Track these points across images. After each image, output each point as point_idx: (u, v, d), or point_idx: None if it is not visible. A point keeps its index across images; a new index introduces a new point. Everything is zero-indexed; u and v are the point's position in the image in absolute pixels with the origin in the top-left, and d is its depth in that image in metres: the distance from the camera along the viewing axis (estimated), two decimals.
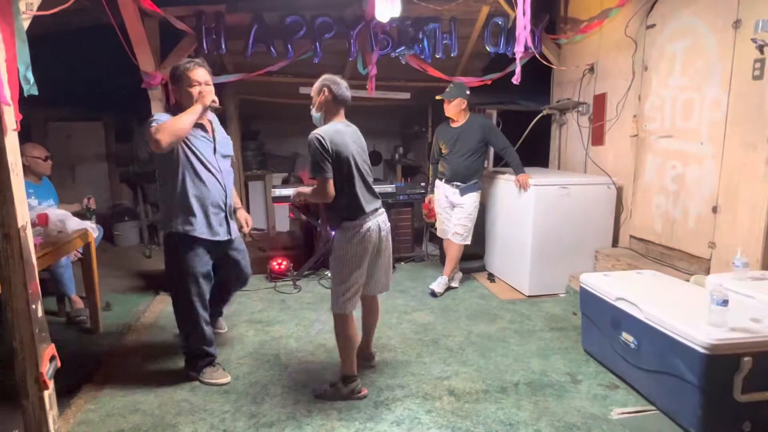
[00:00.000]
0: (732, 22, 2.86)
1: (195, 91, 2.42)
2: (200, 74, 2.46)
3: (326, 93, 2.38)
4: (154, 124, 2.28)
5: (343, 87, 2.40)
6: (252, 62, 4.12)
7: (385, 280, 2.56)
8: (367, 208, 2.35)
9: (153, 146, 2.27)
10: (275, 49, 3.99)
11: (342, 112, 2.45)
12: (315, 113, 2.44)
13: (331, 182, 2.27)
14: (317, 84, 2.41)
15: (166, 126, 2.26)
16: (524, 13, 2.84)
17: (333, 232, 2.48)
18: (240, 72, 4.35)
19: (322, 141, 2.24)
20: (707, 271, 3.06)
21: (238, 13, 3.94)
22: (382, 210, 2.49)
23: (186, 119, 2.33)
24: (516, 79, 3.19)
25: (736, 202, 2.89)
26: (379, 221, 2.41)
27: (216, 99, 2.50)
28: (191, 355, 2.63)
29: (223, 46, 3.90)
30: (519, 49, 3.11)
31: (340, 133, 2.32)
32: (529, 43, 3.18)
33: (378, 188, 4.52)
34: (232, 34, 3.93)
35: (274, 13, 3.96)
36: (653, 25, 3.53)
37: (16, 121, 1.73)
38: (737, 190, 2.88)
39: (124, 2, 3.38)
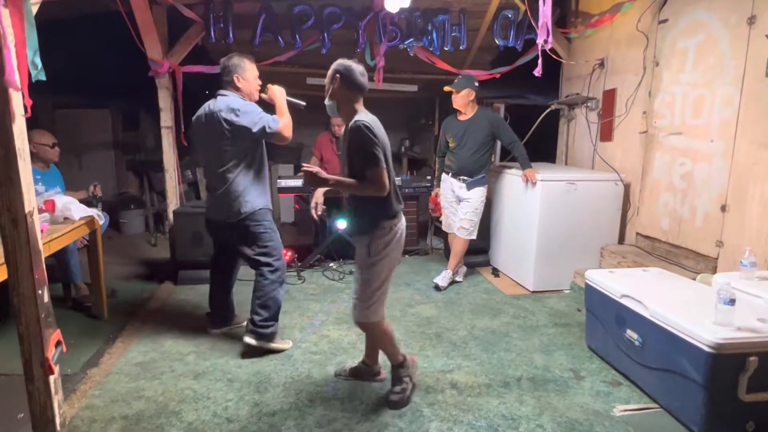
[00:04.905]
0: (746, 18, 2.82)
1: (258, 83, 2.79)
2: None
3: (338, 80, 2.18)
4: (273, 124, 2.62)
5: (356, 73, 2.18)
6: (259, 52, 4.10)
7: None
8: (402, 205, 2.27)
9: (281, 141, 2.69)
10: (283, 39, 3.98)
11: (361, 100, 2.24)
12: (327, 101, 2.25)
13: (386, 173, 2.11)
14: (330, 70, 2.22)
15: (290, 122, 2.73)
16: (544, 2, 2.78)
17: (358, 236, 2.25)
18: None
19: (371, 130, 2.08)
20: (714, 270, 3.04)
21: (247, 2, 3.92)
22: None
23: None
24: (538, 71, 3.12)
25: (745, 200, 2.86)
26: (404, 218, 2.31)
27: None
28: (270, 326, 2.78)
29: (231, 35, 3.89)
30: (548, 40, 3.03)
31: (377, 122, 2.17)
32: (542, 39, 3.12)
33: None
34: (239, 23, 3.91)
35: (282, 3, 3.94)
36: (666, 20, 3.49)
37: (27, 107, 1.73)
38: (747, 189, 2.85)
39: None
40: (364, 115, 2.16)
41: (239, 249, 2.80)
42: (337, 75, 2.19)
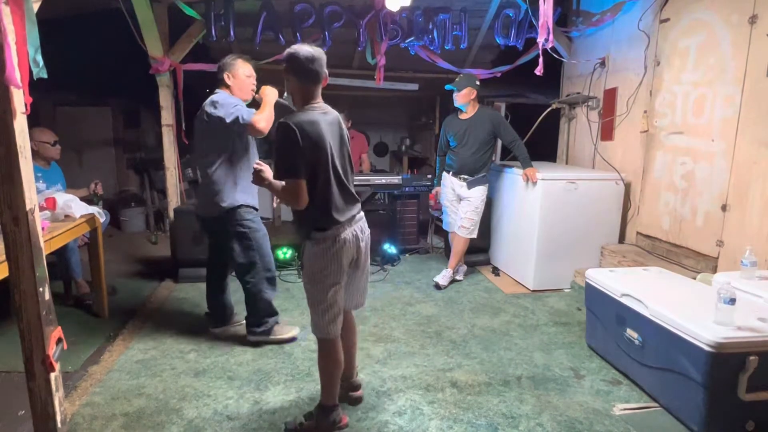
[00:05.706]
0: (748, 17, 2.82)
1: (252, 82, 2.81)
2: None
3: (287, 69, 1.92)
4: (247, 116, 2.57)
5: (302, 59, 1.87)
6: (260, 50, 4.10)
7: (362, 295, 2.21)
8: (342, 217, 1.95)
9: (255, 134, 2.62)
10: (284, 38, 3.97)
11: (316, 93, 1.96)
12: (285, 95, 2.06)
13: (304, 185, 1.86)
14: None
15: (268, 118, 2.61)
16: (545, 1, 2.77)
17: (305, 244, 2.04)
18: None
19: (294, 133, 1.81)
20: (714, 270, 3.04)
21: (247, 0, 3.92)
22: (361, 215, 2.10)
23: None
24: (539, 70, 3.11)
25: (746, 200, 2.86)
26: (356, 229, 2.02)
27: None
28: (265, 323, 2.88)
29: (232, 34, 3.88)
30: (549, 39, 3.00)
31: (315, 124, 1.87)
32: (542, 38, 3.11)
33: (384, 179, 4.59)
34: (240, 21, 3.91)
35: (283, 1, 3.93)
36: (667, 20, 3.48)
37: (26, 105, 1.73)
38: (748, 188, 2.85)
39: None
40: (301, 115, 1.88)
41: (225, 246, 2.83)
42: (285, 63, 1.92)
